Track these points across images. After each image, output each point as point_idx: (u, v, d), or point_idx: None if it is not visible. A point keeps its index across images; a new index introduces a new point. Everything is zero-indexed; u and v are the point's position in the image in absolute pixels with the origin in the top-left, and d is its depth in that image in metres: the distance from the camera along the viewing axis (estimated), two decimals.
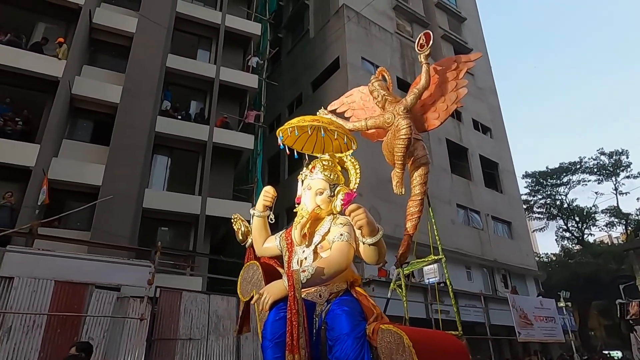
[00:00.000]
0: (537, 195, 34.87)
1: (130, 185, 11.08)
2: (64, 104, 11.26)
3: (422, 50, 4.77)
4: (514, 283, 18.94)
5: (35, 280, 6.38)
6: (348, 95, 5.73)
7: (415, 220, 4.77)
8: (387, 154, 4.79)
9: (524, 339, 12.62)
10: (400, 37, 20.39)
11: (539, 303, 13.96)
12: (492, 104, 23.65)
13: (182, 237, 13.45)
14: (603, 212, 33.19)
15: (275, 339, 2.19)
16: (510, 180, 22.21)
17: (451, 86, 4.83)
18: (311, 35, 20.75)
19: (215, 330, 7.69)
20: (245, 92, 15.72)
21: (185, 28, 15.38)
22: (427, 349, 2.12)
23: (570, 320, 16.96)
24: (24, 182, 9.80)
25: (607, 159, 32.90)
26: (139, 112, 11.96)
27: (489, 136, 22.49)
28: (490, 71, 24.96)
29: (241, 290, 2.68)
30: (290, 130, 2.75)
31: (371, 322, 2.22)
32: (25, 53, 10.95)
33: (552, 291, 19.52)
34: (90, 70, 12.57)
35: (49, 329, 6.26)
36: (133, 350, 6.73)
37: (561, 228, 34.65)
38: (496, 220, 20.18)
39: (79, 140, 11.99)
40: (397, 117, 4.57)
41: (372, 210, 13.86)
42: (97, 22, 12.63)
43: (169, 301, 7.45)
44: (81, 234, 10.07)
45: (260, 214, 2.76)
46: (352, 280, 2.52)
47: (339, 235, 2.41)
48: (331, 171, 2.70)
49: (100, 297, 6.83)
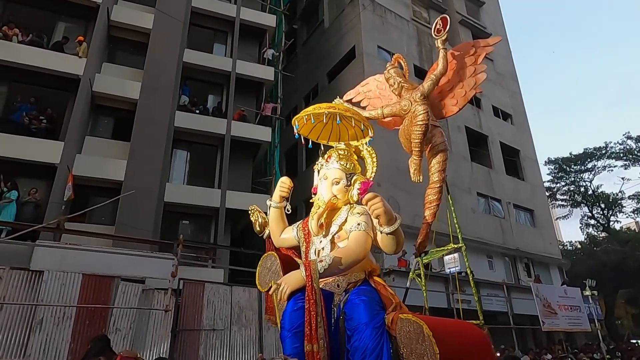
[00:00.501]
0: (560, 182, 33.97)
1: (152, 179, 11.27)
2: (86, 101, 11.49)
3: (439, 35, 4.66)
4: (537, 272, 18.59)
5: (64, 273, 6.56)
6: (364, 84, 5.65)
7: (434, 208, 4.70)
8: (404, 141, 4.72)
9: (548, 328, 12.40)
10: (417, 24, 20.02)
11: (564, 292, 13.69)
12: (512, 90, 23.06)
13: (203, 230, 13.65)
14: (630, 198, 32.12)
15: (294, 329, 2.20)
16: (532, 167, 21.70)
17: (469, 72, 4.72)
18: (326, 26, 20.57)
19: (237, 320, 7.80)
20: (262, 84, 15.74)
21: (201, 22, 15.46)
22: (447, 338, 2.10)
23: (596, 309, 16.57)
24: (50, 179, 10.06)
25: (634, 143, 31.73)
26: (158, 107, 12.12)
27: (510, 123, 21.97)
28: (510, 56, 24.30)
29: (260, 281, 2.71)
30: (306, 118, 2.68)
31: (390, 311, 2.21)
32: (47, 52, 11.19)
33: (577, 280, 19.10)
34: (109, 67, 12.78)
35: (79, 321, 6.44)
36: (159, 341, 6.89)
37: (586, 215, 33.74)
38: (518, 209, 19.79)
39: (101, 136, 12.24)
40: (413, 103, 4.48)
41: (392, 200, 13.78)
42: (114, 19, 12.80)
43: (192, 293, 7.59)
44: (106, 229, 10.32)
45: (276, 205, 2.76)
46: (370, 270, 2.51)
47: (356, 225, 2.40)
48: (347, 160, 2.68)
49: (126, 290, 6.98)
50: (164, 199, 11.86)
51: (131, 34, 13.24)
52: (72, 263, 6.74)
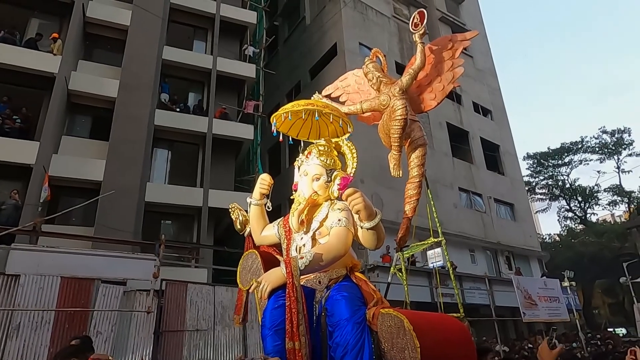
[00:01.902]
0: (539, 176, 34.78)
1: (132, 179, 11.08)
2: (61, 100, 11.22)
3: (417, 29, 4.68)
4: (517, 264, 18.98)
5: (42, 277, 6.39)
6: (342, 79, 5.63)
7: (414, 202, 4.73)
8: (383, 136, 4.72)
9: (529, 319, 12.66)
10: (398, 21, 20.12)
11: (543, 283, 13.98)
12: (492, 86, 23.42)
13: (185, 230, 13.50)
14: (605, 190, 33.15)
15: (275, 326, 2.19)
16: (511, 162, 22.12)
17: (447, 66, 4.75)
18: (307, 22, 20.51)
19: (221, 320, 7.74)
20: (243, 82, 15.61)
21: (180, 19, 15.22)
22: (428, 331, 2.11)
23: (575, 299, 16.99)
24: (25, 180, 9.81)
25: (609, 137, 32.71)
26: (137, 105, 11.91)
27: (490, 118, 22.32)
28: (490, 53, 24.66)
29: (241, 279, 2.68)
30: (284, 116, 2.66)
31: (371, 307, 2.21)
32: (20, 50, 10.89)
33: (556, 271, 19.56)
34: (86, 65, 12.50)
35: (58, 325, 6.29)
36: (142, 343, 6.78)
37: (564, 208, 34.66)
38: (499, 203, 20.14)
39: (78, 136, 11.98)
40: (392, 98, 4.47)
41: (375, 196, 13.85)
42: (90, 15, 12.51)
43: (174, 293, 7.48)
44: (85, 230, 10.11)
45: (257, 202, 2.74)
46: (352, 266, 2.51)
47: (336, 221, 2.40)
48: (327, 156, 2.67)
49: (106, 292, 6.85)
50: (145, 199, 11.67)
51: (108, 30, 12.96)
52: (50, 266, 6.58)
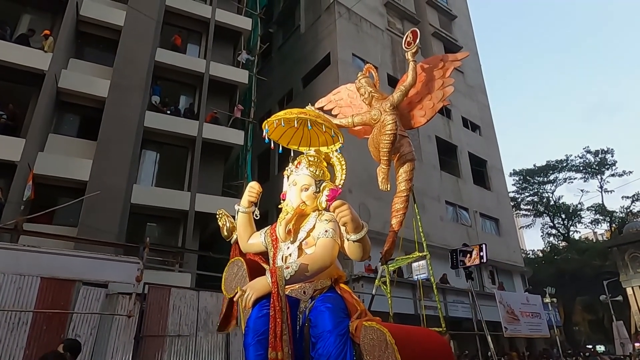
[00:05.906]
0: (524, 192, 35.33)
1: (118, 180, 10.95)
2: (50, 97, 11.08)
3: (409, 48, 4.79)
4: (501, 279, 19.17)
5: (21, 277, 6.26)
6: (335, 93, 5.71)
7: (401, 216, 4.79)
8: (372, 150, 4.80)
9: (511, 334, 12.79)
10: (392, 34, 20.40)
11: (526, 299, 14.16)
12: (481, 102, 23.82)
13: (170, 233, 13.36)
14: (588, 209, 33.78)
15: (258, 335, 2.18)
16: (498, 178, 22.44)
17: (438, 84, 4.86)
18: (302, 31, 20.66)
19: (204, 326, 7.64)
20: (235, 87, 15.61)
21: (174, 22, 15.21)
22: (409, 345, 2.13)
23: (556, 315, 17.24)
24: (8, 177, 9.63)
25: (592, 157, 33.43)
26: (127, 106, 11.81)
27: (478, 134, 22.66)
28: (480, 69, 25.12)
29: (226, 286, 2.68)
30: (276, 122, 2.67)
31: (354, 319, 2.22)
32: (10, 45, 10.74)
33: (538, 287, 19.82)
34: (77, 63, 12.37)
35: (35, 326, 6.16)
36: (121, 348, 6.67)
37: (547, 225, 35.19)
38: (484, 217, 20.38)
39: (65, 134, 11.81)
40: (383, 113, 4.58)
41: (362, 207, 13.91)
42: (84, 14, 12.41)
43: (157, 298, 7.38)
44: (68, 230, 9.93)
45: (245, 210, 2.74)
46: (337, 277, 2.53)
47: (323, 232, 2.41)
48: (317, 167, 2.69)
49: (87, 294, 6.74)
50: (131, 201, 11.53)
51: (101, 30, 12.87)
52: (30, 266, 6.44)
